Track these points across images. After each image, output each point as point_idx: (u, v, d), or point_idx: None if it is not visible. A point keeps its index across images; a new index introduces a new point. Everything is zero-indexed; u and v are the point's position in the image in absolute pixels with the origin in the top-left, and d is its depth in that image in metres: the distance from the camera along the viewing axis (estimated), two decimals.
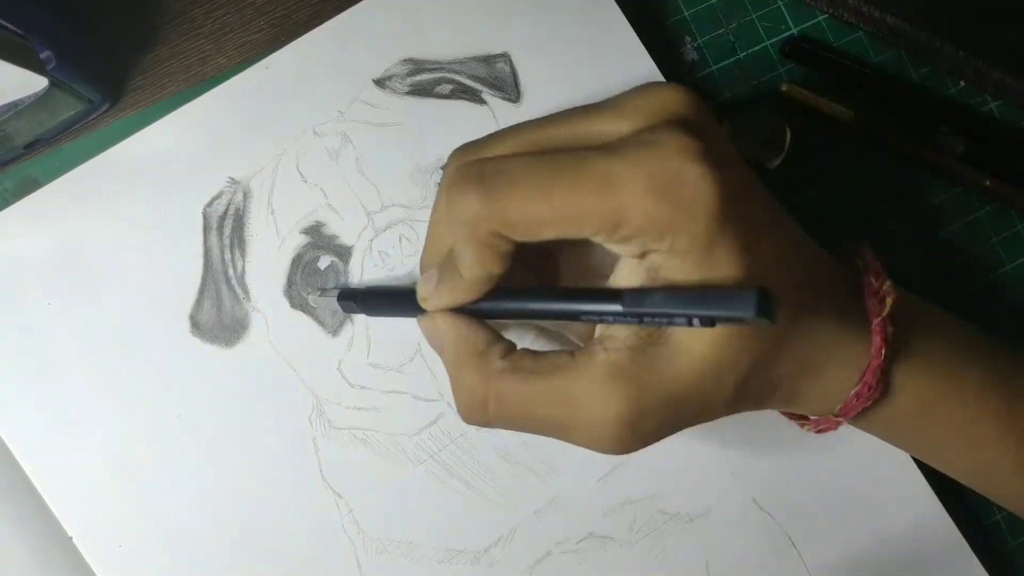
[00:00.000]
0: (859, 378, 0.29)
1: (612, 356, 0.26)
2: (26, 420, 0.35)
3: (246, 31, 0.37)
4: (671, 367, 0.26)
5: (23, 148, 0.35)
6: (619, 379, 0.26)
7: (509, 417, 0.28)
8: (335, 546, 0.35)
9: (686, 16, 0.38)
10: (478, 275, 0.27)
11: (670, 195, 0.25)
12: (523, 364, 0.27)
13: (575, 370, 0.27)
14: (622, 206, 0.25)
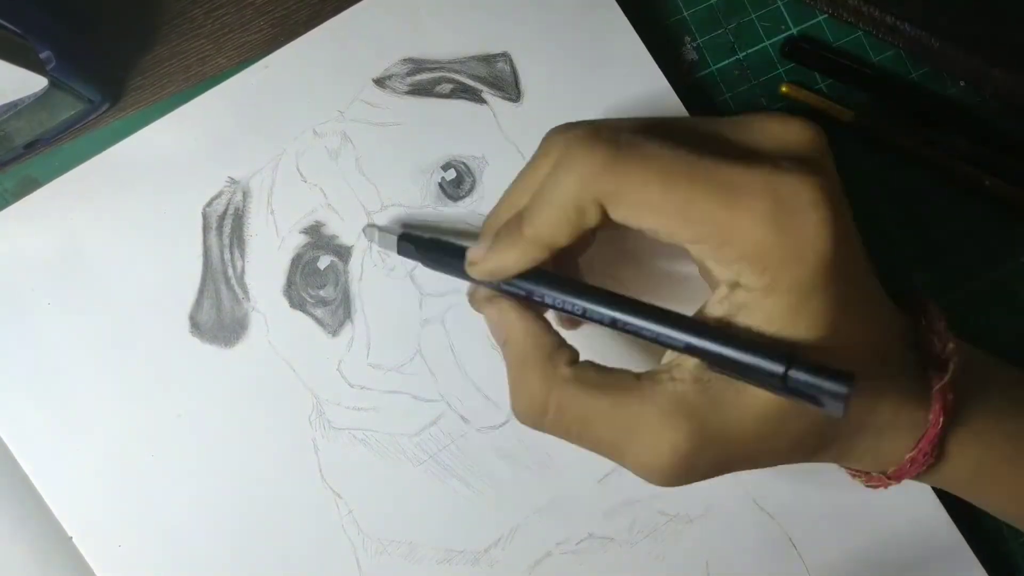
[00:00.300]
0: (915, 443, 0.28)
1: (678, 387, 0.26)
2: (26, 420, 0.35)
3: (246, 31, 0.37)
4: (734, 408, 0.26)
5: (23, 148, 0.35)
6: (682, 412, 0.25)
7: (565, 428, 0.27)
8: (335, 546, 0.35)
9: (686, 16, 0.38)
10: (543, 236, 0.26)
11: (788, 230, 0.24)
12: (588, 377, 0.27)
13: (639, 394, 0.26)
14: (738, 223, 0.24)
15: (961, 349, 0.29)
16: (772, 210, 0.24)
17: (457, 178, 0.36)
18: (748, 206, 0.24)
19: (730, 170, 0.25)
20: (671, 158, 0.25)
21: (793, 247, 0.24)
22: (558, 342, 0.28)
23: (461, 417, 0.36)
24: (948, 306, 0.32)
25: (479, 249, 0.29)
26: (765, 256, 0.24)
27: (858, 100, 0.38)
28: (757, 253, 0.25)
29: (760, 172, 0.25)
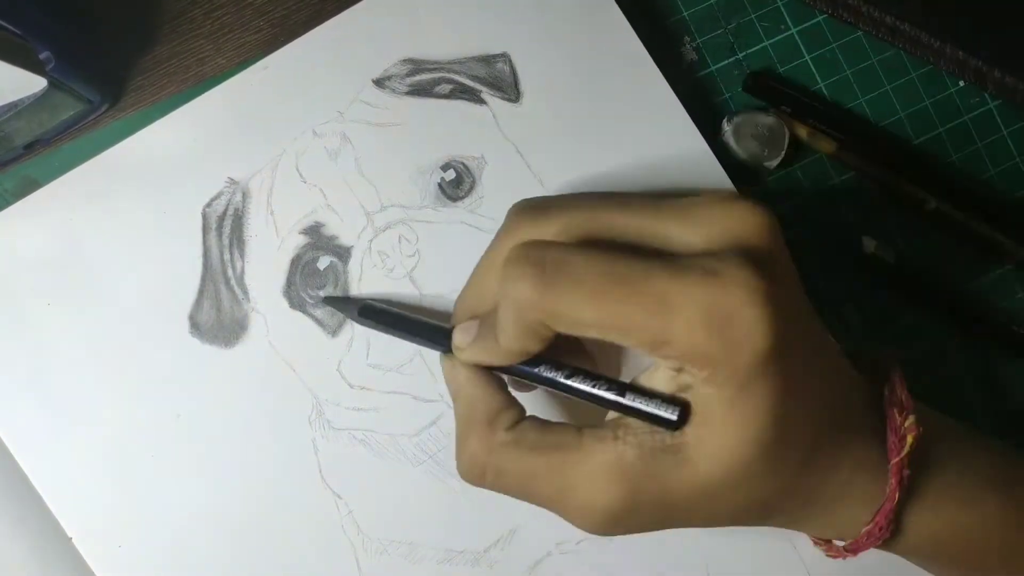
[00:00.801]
0: (871, 516, 0.29)
1: (619, 449, 0.27)
2: (25, 420, 0.35)
3: (245, 31, 0.37)
4: (674, 476, 0.26)
5: (23, 148, 0.35)
6: (616, 477, 0.26)
7: (504, 488, 0.29)
8: (335, 547, 0.35)
9: (685, 16, 0.38)
10: (514, 349, 0.28)
11: (722, 333, 0.25)
12: (527, 439, 0.28)
13: (577, 454, 0.27)
14: (671, 330, 0.25)
15: (923, 418, 0.29)
16: (703, 317, 0.25)
17: (456, 178, 0.36)
18: (680, 314, 0.25)
19: (662, 279, 0.25)
20: (599, 274, 0.26)
21: (731, 347, 0.25)
22: (503, 404, 0.29)
23: None
24: (948, 303, 0.32)
25: (465, 336, 0.30)
26: (702, 357, 0.25)
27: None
28: (694, 354, 0.25)
29: (691, 279, 0.25)
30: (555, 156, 0.36)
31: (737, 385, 0.25)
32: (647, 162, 0.36)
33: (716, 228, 0.27)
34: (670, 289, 0.25)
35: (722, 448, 0.26)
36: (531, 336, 0.27)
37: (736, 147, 0.37)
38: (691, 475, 0.26)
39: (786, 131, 0.37)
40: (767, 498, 0.28)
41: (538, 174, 0.36)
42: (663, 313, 0.25)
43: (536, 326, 0.27)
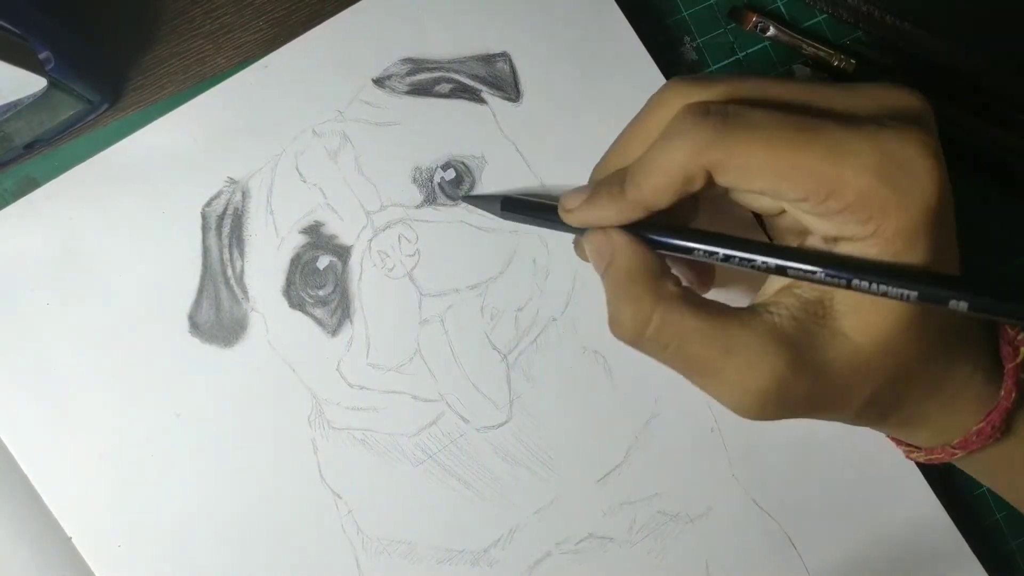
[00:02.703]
0: (984, 416, 0.29)
1: (777, 320, 0.27)
2: (25, 420, 0.35)
3: (245, 31, 0.37)
4: (828, 348, 0.26)
5: (22, 148, 0.35)
6: (782, 341, 0.26)
7: (664, 342, 0.28)
8: (334, 547, 0.35)
9: (685, 16, 0.38)
10: (645, 199, 0.28)
11: (894, 179, 0.25)
12: (694, 298, 0.28)
13: (740, 320, 0.27)
14: (842, 177, 0.25)
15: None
16: (877, 162, 0.25)
17: (456, 178, 0.36)
18: (853, 160, 0.25)
19: (835, 128, 0.26)
20: (777, 124, 0.26)
21: (898, 196, 0.25)
22: (665, 267, 0.29)
23: (460, 417, 0.36)
24: None
25: (576, 198, 0.30)
26: (870, 205, 0.25)
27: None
28: (862, 203, 0.25)
29: (865, 129, 0.25)
30: (555, 155, 0.36)
31: (904, 240, 0.25)
32: None
33: (881, 104, 0.27)
34: (845, 138, 0.25)
35: (877, 318, 0.26)
36: (678, 185, 0.27)
37: None
38: (846, 347, 0.26)
39: None
40: (900, 381, 0.28)
41: (538, 173, 0.36)
42: (837, 158, 0.25)
43: (695, 173, 0.26)
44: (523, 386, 0.36)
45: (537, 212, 0.33)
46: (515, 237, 0.36)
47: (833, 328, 0.27)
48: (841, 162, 0.25)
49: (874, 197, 0.25)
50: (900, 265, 0.26)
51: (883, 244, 0.25)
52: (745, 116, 0.26)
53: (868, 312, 0.26)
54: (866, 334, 0.26)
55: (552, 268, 0.36)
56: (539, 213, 0.33)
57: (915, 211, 0.25)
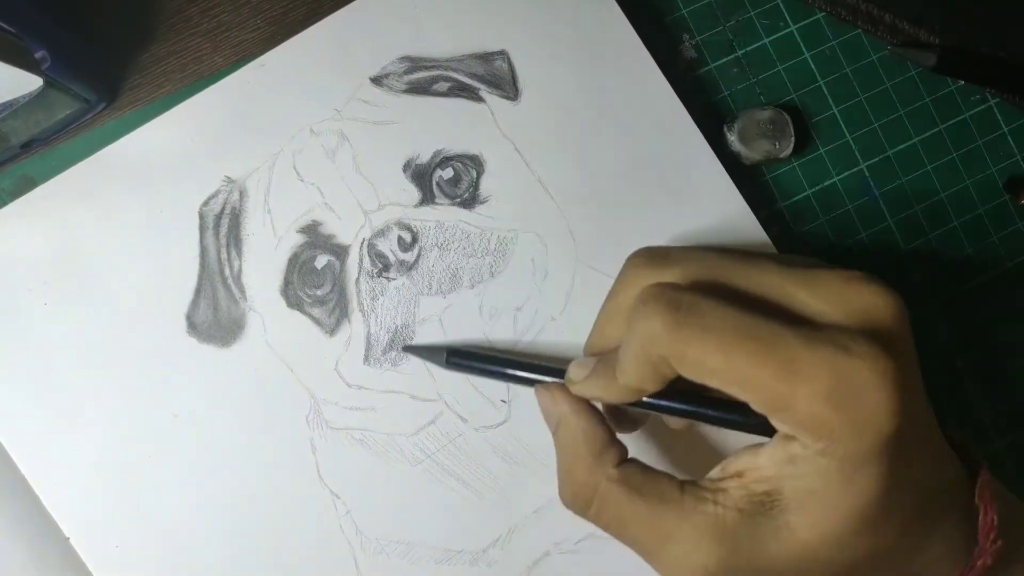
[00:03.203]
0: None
1: (720, 512, 0.27)
2: (22, 420, 0.35)
3: (243, 29, 0.37)
4: (772, 543, 0.26)
5: (19, 148, 0.35)
6: (718, 538, 0.26)
7: (606, 524, 0.29)
8: (333, 547, 0.35)
9: (684, 14, 0.38)
10: (632, 386, 0.28)
11: (846, 409, 0.25)
12: (633, 480, 0.28)
13: (679, 509, 0.27)
14: (795, 397, 0.25)
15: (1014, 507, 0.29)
16: (831, 389, 0.25)
17: (455, 177, 0.36)
18: (807, 384, 0.25)
19: (792, 344, 0.25)
20: (731, 327, 0.26)
21: (849, 425, 0.25)
22: (608, 439, 0.29)
23: (459, 417, 0.35)
24: (948, 302, 0.32)
25: (581, 371, 0.30)
26: (820, 428, 0.25)
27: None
28: (814, 426, 0.25)
29: (822, 350, 0.25)
30: (553, 154, 0.36)
31: (853, 463, 0.25)
32: (646, 159, 0.36)
33: (847, 303, 0.26)
34: (800, 356, 0.25)
35: (824, 518, 0.26)
36: (652, 375, 0.27)
37: (747, 152, 0.37)
38: (789, 542, 0.26)
39: (787, 118, 0.37)
40: (858, 572, 0.27)
41: (536, 172, 0.36)
42: (789, 378, 0.25)
43: (660, 365, 0.27)
44: (522, 386, 0.36)
45: (485, 363, 0.34)
46: (514, 237, 0.36)
47: (778, 522, 0.26)
48: (794, 382, 0.25)
49: (825, 423, 0.25)
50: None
51: (831, 461, 0.25)
52: (699, 312, 0.26)
53: (814, 513, 0.26)
54: (813, 532, 0.26)
55: (551, 268, 0.36)
56: (487, 364, 0.34)
57: (867, 440, 0.25)
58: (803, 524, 0.26)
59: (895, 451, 0.25)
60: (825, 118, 0.39)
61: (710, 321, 0.26)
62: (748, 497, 0.27)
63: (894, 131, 0.39)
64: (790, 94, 0.39)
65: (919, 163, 0.39)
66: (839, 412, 0.25)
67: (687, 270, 0.28)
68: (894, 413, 0.25)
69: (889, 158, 0.39)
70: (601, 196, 0.36)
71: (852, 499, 0.25)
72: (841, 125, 0.39)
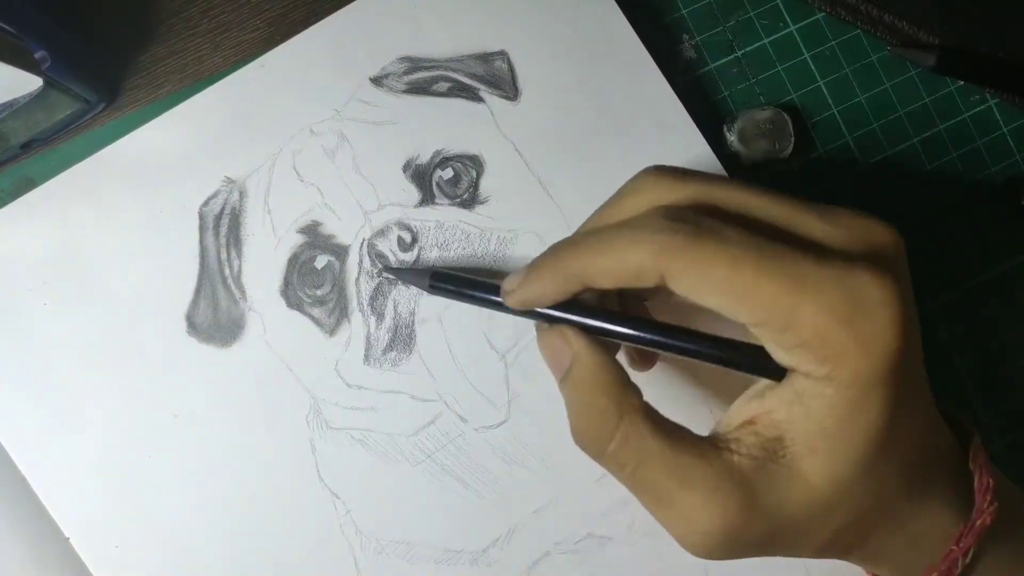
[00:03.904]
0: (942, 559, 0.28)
1: (735, 459, 0.26)
2: (22, 421, 0.35)
3: (242, 30, 0.37)
4: (786, 489, 0.26)
5: (19, 148, 0.35)
6: (737, 484, 0.25)
7: (623, 462, 0.27)
8: (333, 547, 0.35)
9: (684, 14, 0.38)
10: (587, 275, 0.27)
11: (852, 324, 0.24)
12: (658, 417, 0.27)
13: (700, 452, 0.26)
14: (801, 310, 0.24)
15: (1001, 484, 0.29)
16: (839, 302, 0.24)
17: (454, 177, 0.36)
18: (814, 296, 0.24)
19: (800, 258, 0.25)
20: (744, 243, 0.25)
21: (857, 341, 0.24)
22: (626, 377, 0.28)
23: (459, 417, 0.35)
24: (948, 302, 0.32)
25: (515, 280, 0.29)
26: (826, 346, 0.25)
27: None
28: (818, 342, 0.25)
29: (831, 264, 0.25)
30: (553, 154, 0.36)
31: (860, 387, 0.25)
32: (646, 160, 0.36)
33: (856, 232, 0.26)
34: (808, 271, 0.24)
35: (833, 459, 0.25)
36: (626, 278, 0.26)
37: (747, 152, 0.37)
38: (803, 489, 0.26)
39: (787, 119, 0.37)
40: (863, 522, 0.27)
41: (536, 172, 0.36)
42: (796, 290, 0.24)
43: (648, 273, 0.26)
44: (521, 385, 0.36)
45: (469, 287, 0.32)
46: (514, 237, 0.36)
47: (791, 469, 0.26)
48: (802, 295, 0.24)
49: (831, 339, 0.24)
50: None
51: (837, 388, 0.25)
52: (716, 231, 0.25)
53: (825, 454, 0.25)
54: (824, 476, 0.25)
55: None
56: (472, 288, 0.32)
57: (875, 359, 0.24)
58: (814, 471, 0.26)
59: (899, 378, 0.25)
60: (825, 118, 0.39)
61: (727, 240, 0.25)
62: (761, 444, 0.26)
63: (894, 131, 0.39)
64: (790, 94, 0.39)
65: (919, 163, 0.39)
66: (846, 327, 0.24)
67: (702, 189, 0.27)
68: (900, 331, 0.24)
69: (889, 158, 0.39)
70: (601, 196, 0.36)
71: (859, 434, 0.25)
72: (841, 125, 0.39)
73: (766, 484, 0.26)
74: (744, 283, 0.25)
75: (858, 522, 0.27)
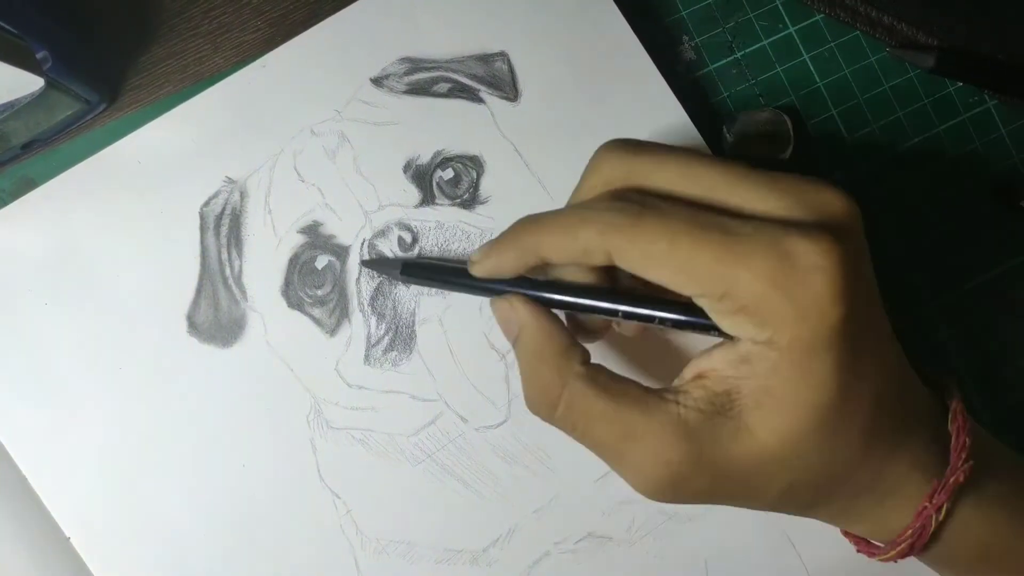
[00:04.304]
0: (915, 516, 0.28)
1: (682, 411, 0.27)
2: (23, 421, 0.35)
3: (243, 31, 0.37)
4: (731, 443, 0.26)
5: (20, 148, 0.35)
6: (682, 434, 0.26)
7: (572, 424, 0.28)
8: (333, 547, 0.35)
9: (683, 15, 0.39)
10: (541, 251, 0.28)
11: (788, 288, 0.25)
12: (599, 378, 0.28)
13: (645, 406, 0.27)
14: (737, 278, 0.25)
15: (984, 442, 0.29)
16: (773, 268, 0.25)
17: (455, 177, 0.36)
18: (748, 262, 0.25)
19: (738, 227, 0.25)
20: (684, 218, 0.26)
21: (793, 307, 0.25)
22: (571, 340, 0.29)
23: (459, 416, 0.36)
24: (948, 302, 0.32)
25: (482, 250, 0.30)
26: (763, 312, 0.25)
27: None
28: (755, 308, 0.25)
29: (768, 231, 0.25)
30: (553, 155, 0.36)
31: (802, 352, 0.25)
32: None
33: (803, 200, 0.26)
34: (744, 240, 0.25)
35: (781, 417, 0.26)
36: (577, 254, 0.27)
37: (746, 153, 0.37)
38: (749, 444, 0.26)
39: (786, 120, 0.37)
40: (820, 479, 0.27)
41: (536, 173, 0.36)
42: (731, 260, 0.25)
43: (596, 250, 0.27)
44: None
45: (439, 274, 0.33)
46: None
47: (738, 423, 0.26)
48: (737, 263, 0.25)
49: (768, 304, 0.25)
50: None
51: (780, 352, 0.25)
52: (659, 209, 0.26)
53: (771, 409, 0.26)
54: (771, 431, 0.26)
55: None
56: (441, 275, 0.33)
57: (813, 324, 0.25)
58: (761, 425, 0.26)
59: (845, 343, 0.25)
60: (824, 119, 0.39)
61: (664, 214, 0.26)
62: (708, 398, 0.27)
63: (893, 132, 0.39)
64: (789, 95, 0.39)
65: (918, 164, 0.39)
66: (781, 293, 0.24)
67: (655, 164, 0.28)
68: (840, 299, 0.25)
69: (888, 159, 0.39)
70: None
71: (805, 394, 0.25)
72: (840, 126, 0.39)
73: (711, 436, 0.26)
74: (682, 256, 0.25)
75: (815, 479, 0.27)
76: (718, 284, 0.25)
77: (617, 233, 0.26)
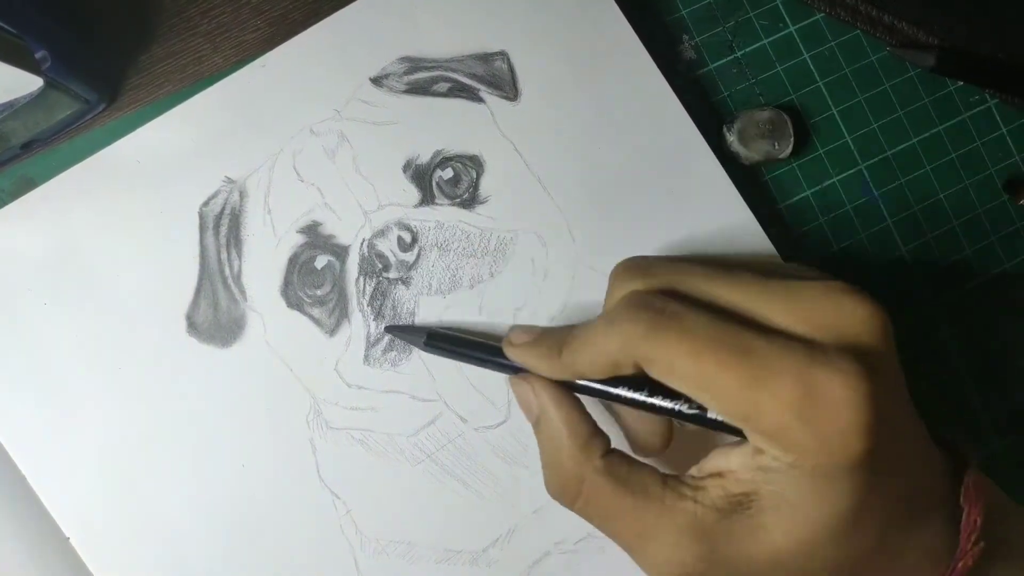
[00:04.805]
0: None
1: (699, 511, 0.27)
2: (23, 421, 0.35)
3: (243, 30, 0.37)
4: (748, 543, 0.26)
5: (19, 148, 0.35)
6: (697, 536, 0.26)
7: (590, 516, 0.29)
8: (333, 547, 0.35)
9: (684, 14, 0.38)
10: (576, 368, 0.29)
11: (814, 423, 0.24)
12: (619, 472, 0.28)
13: (660, 504, 0.27)
14: (760, 406, 0.25)
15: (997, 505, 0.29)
16: (799, 400, 0.24)
17: (454, 177, 0.36)
18: (772, 392, 0.25)
19: (762, 353, 0.25)
20: (707, 334, 0.26)
21: (818, 439, 0.25)
22: (592, 429, 0.29)
23: (459, 417, 0.35)
24: (948, 302, 0.32)
25: (524, 335, 0.31)
26: (787, 440, 0.25)
27: None
28: (779, 436, 0.25)
29: (793, 358, 0.25)
30: (553, 154, 0.36)
31: (824, 477, 0.25)
32: (645, 160, 0.36)
33: (825, 318, 0.26)
34: (769, 365, 0.25)
35: (798, 526, 0.26)
36: (607, 368, 0.28)
37: (747, 152, 0.37)
38: (764, 543, 0.26)
39: (787, 119, 0.37)
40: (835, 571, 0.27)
41: (536, 172, 0.36)
42: (756, 386, 0.25)
43: (623, 361, 0.27)
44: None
45: (464, 347, 0.34)
46: (513, 237, 0.36)
47: (755, 523, 0.26)
48: (760, 390, 0.25)
49: (792, 435, 0.25)
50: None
51: (804, 476, 0.25)
52: (679, 318, 0.26)
53: (788, 516, 0.26)
54: (786, 533, 0.26)
55: (550, 268, 0.36)
56: (466, 349, 0.34)
57: (837, 457, 0.25)
58: (777, 528, 0.26)
59: (869, 468, 0.25)
60: (824, 118, 0.39)
61: (688, 327, 0.26)
62: (726, 497, 0.27)
63: (893, 132, 0.39)
64: (789, 95, 0.39)
65: (918, 164, 0.39)
66: (806, 425, 0.24)
67: (669, 281, 0.28)
68: (866, 433, 0.24)
69: (888, 159, 0.39)
70: (601, 196, 0.36)
71: (825, 510, 0.25)
72: (840, 126, 0.39)
73: (726, 533, 0.26)
74: (706, 375, 0.25)
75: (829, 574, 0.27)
76: (741, 407, 0.25)
77: (639, 343, 0.26)
